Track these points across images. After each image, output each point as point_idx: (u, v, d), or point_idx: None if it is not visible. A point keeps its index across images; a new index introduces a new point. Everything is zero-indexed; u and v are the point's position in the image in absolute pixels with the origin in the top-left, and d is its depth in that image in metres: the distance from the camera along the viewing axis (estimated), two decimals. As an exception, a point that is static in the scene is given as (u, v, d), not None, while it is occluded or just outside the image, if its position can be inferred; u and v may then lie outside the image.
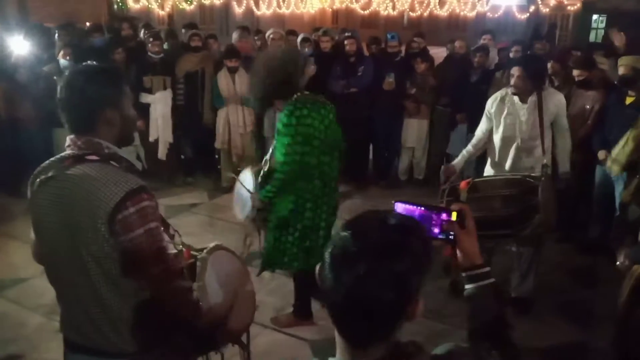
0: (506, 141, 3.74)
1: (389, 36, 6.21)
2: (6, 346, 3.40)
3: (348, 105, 5.92)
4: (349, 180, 6.47)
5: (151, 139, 6.07)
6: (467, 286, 1.27)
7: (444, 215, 1.26)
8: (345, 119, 5.93)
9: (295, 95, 3.19)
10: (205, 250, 2.06)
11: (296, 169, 3.18)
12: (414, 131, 6.23)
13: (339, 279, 0.97)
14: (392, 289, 0.96)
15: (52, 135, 5.59)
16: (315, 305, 3.82)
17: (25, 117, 5.67)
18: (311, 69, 6.06)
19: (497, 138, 3.80)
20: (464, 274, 1.27)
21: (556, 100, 3.69)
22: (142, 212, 1.55)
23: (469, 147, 3.95)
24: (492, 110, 3.78)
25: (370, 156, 6.79)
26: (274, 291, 4.11)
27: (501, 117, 3.73)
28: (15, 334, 3.54)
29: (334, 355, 1.07)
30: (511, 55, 5.79)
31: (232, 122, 5.95)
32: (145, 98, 5.91)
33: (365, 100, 6.01)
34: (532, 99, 3.62)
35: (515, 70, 3.62)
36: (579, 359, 3.57)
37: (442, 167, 3.90)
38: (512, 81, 3.63)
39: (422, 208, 1.27)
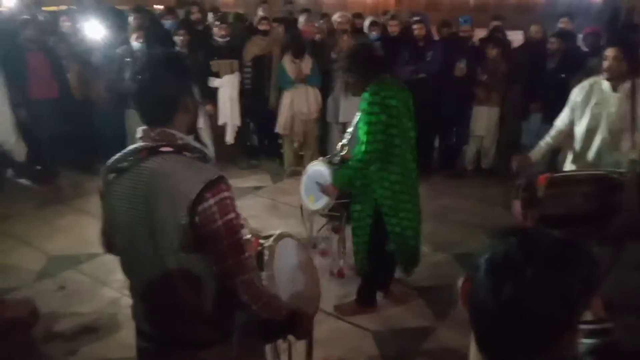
0: (590, 133, 3.48)
1: (461, 20, 6.00)
2: (81, 318, 3.54)
3: (415, 92, 5.79)
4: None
5: (220, 122, 6.16)
6: (585, 340, 1.17)
7: None
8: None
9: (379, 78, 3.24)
10: (272, 238, 2.05)
11: (380, 148, 3.18)
12: (484, 119, 6.00)
13: (498, 287, 0.88)
14: (557, 303, 0.86)
15: (124, 117, 5.77)
16: (380, 296, 3.79)
17: (98, 98, 5.88)
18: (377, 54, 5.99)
19: (579, 130, 3.54)
20: (581, 327, 1.16)
21: None
22: (221, 203, 1.53)
23: (547, 138, 3.70)
24: (578, 100, 3.52)
25: (436, 144, 6.61)
26: (336, 278, 4.08)
27: (587, 107, 3.47)
28: (89, 307, 3.69)
29: (397, 345, 1.00)
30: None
31: (296, 108, 5.93)
32: (213, 82, 5.98)
33: (433, 86, 5.83)
34: (626, 86, 3.33)
35: (610, 52, 3.33)
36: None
37: (515, 156, 3.68)
38: (606, 64, 3.34)
39: None
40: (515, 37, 6.77)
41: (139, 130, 1.63)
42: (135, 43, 5.69)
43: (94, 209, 5.13)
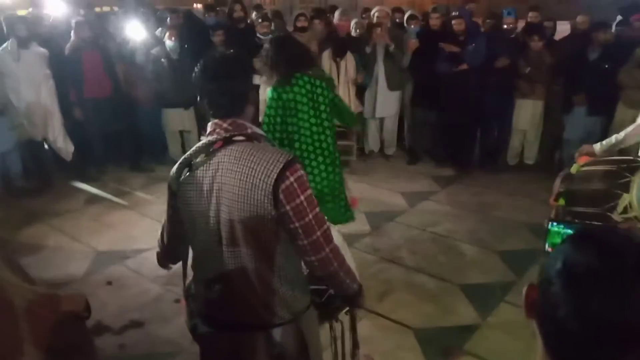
0: None
1: (505, 12, 5.86)
2: (128, 313, 3.64)
3: (457, 85, 5.71)
4: (453, 164, 6.27)
5: (261, 119, 6.20)
6: None
7: None
8: (453, 100, 5.78)
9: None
10: None
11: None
12: (528, 113, 5.83)
13: (583, 304, 0.83)
14: None
15: (161, 115, 5.91)
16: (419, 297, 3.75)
17: (142, 97, 6.02)
18: (412, 43, 5.93)
19: None
20: None
21: None
22: (300, 180, 1.63)
23: (622, 133, 3.31)
24: None
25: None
26: (376, 275, 4.07)
27: None
28: (136, 302, 3.78)
29: (439, 344, 0.97)
30: None
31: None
32: (256, 80, 6.03)
33: (475, 79, 5.70)
34: None
35: None
36: None
37: (583, 146, 3.46)
38: None
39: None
40: (562, 27, 6.56)
41: (210, 125, 1.73)
42: (169, 42, 5.78)
43: (140, 206, 5.30)
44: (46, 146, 5.81)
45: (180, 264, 1.97)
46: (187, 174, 1.71)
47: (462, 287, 3.90)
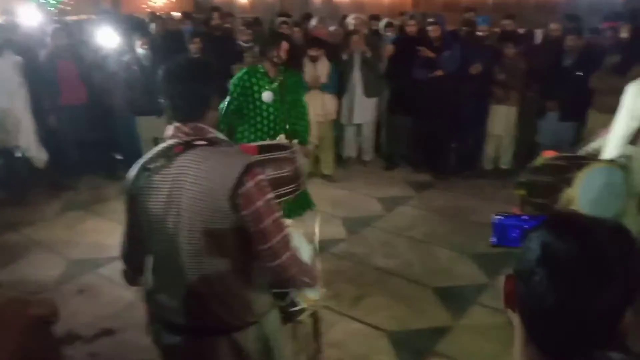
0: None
1: (479, 20, 5.96)
2: (100, 321, 3.60)
3: (433, 92, 5.77)
4: (429, 169, 6.32)
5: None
6: None
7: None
8: (429, 106, 5.84)
9: None
10: None
11: None
12: (502, 118, 5.92)
13: (570, 293, 0.83)
14: (627, 298, 0.84)
15: (134, 123, 5.87)
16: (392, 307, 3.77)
17: (117, 105, 5.97)
18: (388, 49, 5.99)
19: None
20: None
21: None
22: (259, 185, 1.63)
23: (595, 144, 3.08)
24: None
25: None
26: (352, 279, 4.09)
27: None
28: (108, 310, 3.74)
29: (412, 346, 0.97)
30: (624, 35, 5.32)
31: (312, 110, 5.92)
32: (233, 86, 6.03)
33: (450, 86, 5.77)
34: None
35: None
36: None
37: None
38: None
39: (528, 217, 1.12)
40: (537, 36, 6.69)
41: (170, 128, 1.71)
42: (140, 50, 5.75)
43: (114, 214, 5.23)
44: (19, 154, 5.73)
45: None
46: (146, 178, 1.69)
47: (436, 290, 3.93)
